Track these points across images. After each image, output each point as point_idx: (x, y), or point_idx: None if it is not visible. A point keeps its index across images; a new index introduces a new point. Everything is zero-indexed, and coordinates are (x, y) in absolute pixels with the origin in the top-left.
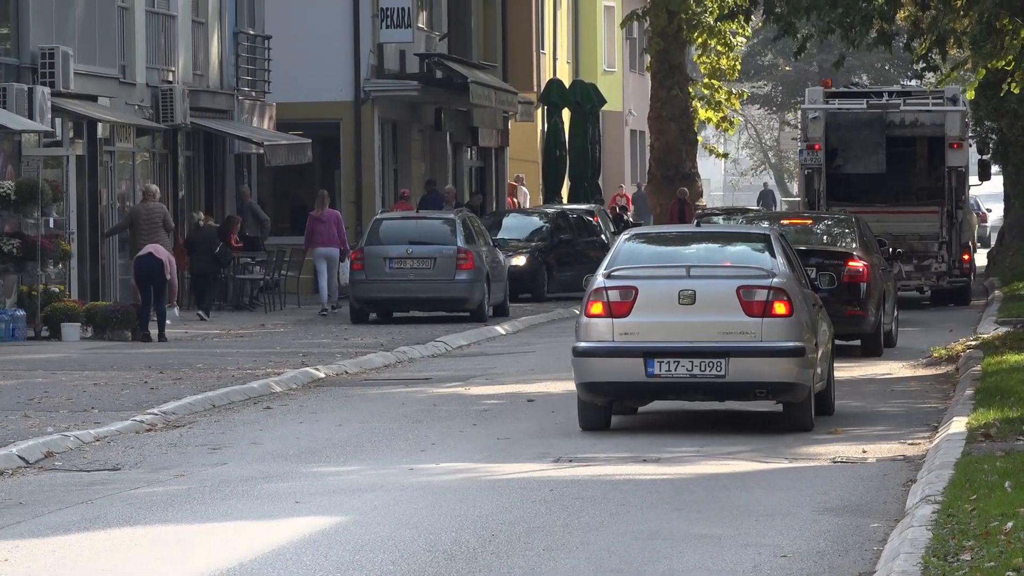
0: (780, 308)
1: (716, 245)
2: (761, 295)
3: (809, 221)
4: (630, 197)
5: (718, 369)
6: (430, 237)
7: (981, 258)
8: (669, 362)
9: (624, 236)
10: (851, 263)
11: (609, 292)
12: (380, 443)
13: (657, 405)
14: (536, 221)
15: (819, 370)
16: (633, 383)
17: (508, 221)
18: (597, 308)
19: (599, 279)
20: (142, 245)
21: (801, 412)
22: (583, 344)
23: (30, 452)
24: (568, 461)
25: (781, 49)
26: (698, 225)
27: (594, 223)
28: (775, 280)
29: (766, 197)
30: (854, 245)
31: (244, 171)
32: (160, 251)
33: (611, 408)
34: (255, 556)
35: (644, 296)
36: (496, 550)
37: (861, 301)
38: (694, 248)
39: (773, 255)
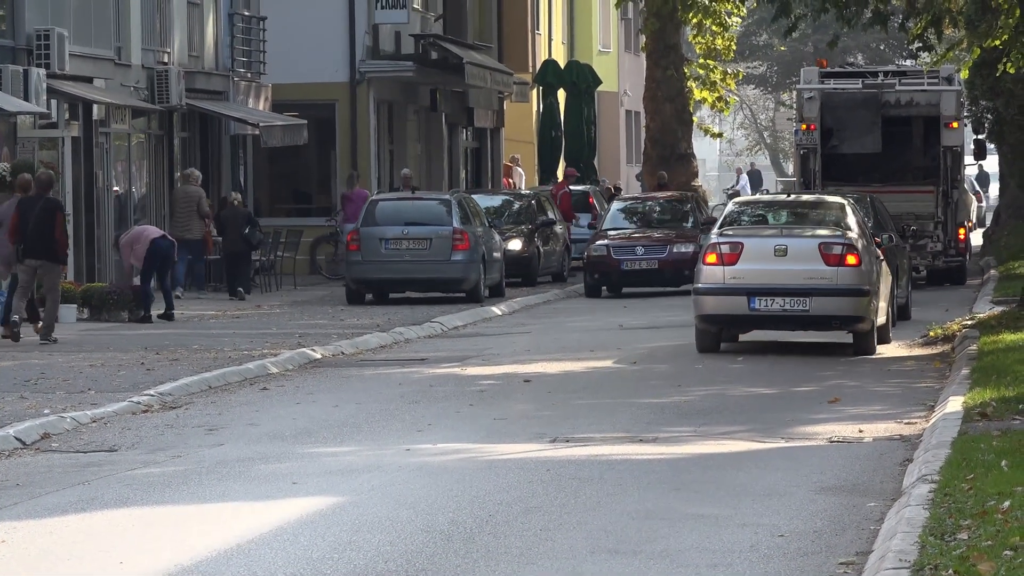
0: (851, 260)
1: (802, 210)
2: (837, 249)
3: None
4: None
5: (803, 305)
6: (426, 218)
7: (977, 238)
8: (767, 299)
9: (731, 204)
10: None
11: (721, 246)
12: (377, 424)
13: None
14: (495, 202)
15: (880, 308)
16: (739, 315)
17: None
18: (712, 258)
19: (714, 236)
20: (177, 227)
21: (866, 340)
22: (702, 285)
23: (27, 433)
24: (564, 441)
25: (776, 29)
26: (789, 195)
27: (544, 206)
28: (848, 238)
29: (753, 177)
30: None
31: (240, 152)
32: (169, 235)
33: (720, 335)
34: (252, 537)
35: (748, 249)
36: (493, 530)
37: None
38: (785, 212)
39: (846, 218)
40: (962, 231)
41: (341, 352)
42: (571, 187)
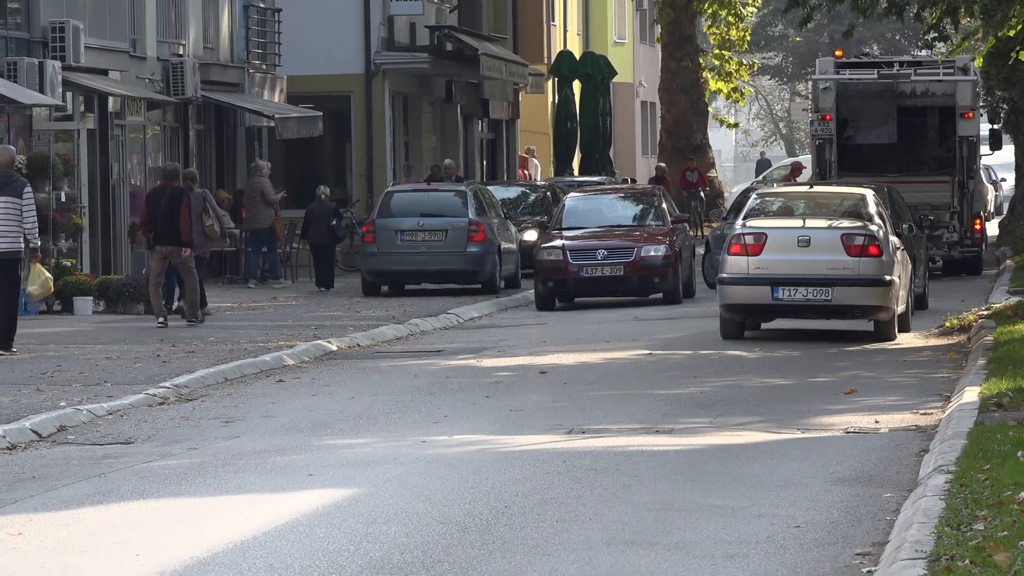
0: (873, 250)
1: (824, 201)
2: (859, 240)
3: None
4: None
5: (826, 295)
6: (442, 209)
7: (993, 227)
8: (790, 289)
9: (754, 195)
10: None
11: (746, 236)
12: (392, 415)
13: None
14: (510, 193)
15: (900, 297)
16: (763, 304)
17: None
18: (736, 248)
19: (738, 227)
20: (251, 219)
21: (887, 328)
22: (726, 275)
23: (43, 426)
24: (581, 433)
25: (791, 19)
26: (811, 187)
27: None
28: (869, 229)
29: (762, 166)
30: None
31: (255, 144)
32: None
33: (744, 324)
34: (268, 529)
35: (772, 240)
36: (509, 522)
37: None
38: (809, 203)
39: (867, 209)
40: (978, 221)
41: (357, 344)
42: (583, 176)
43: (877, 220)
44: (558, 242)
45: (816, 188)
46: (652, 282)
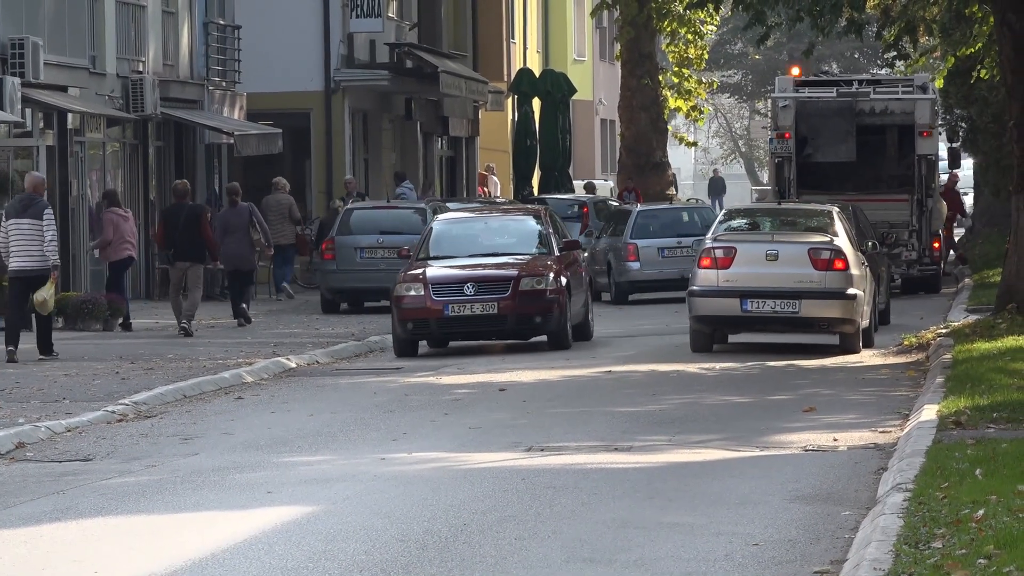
0: (839, 264)
1: (792, 217)
2: (825, 255)
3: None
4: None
5: (793, 307)
6: (401, 226)
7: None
8: (758, 301)
9: (723, 212)
10: None
11: (716, 251)
12: (351, 433)
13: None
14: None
15: (864, 311)
16: (732, 316)
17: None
18: (706, 262)
19: (708, 241)
20: (275, 233)
21: (852, 341)
22: (696, 288)
23: (1, 443)
24: (540, 450)
25: (751, 38)
26: (779, 203)
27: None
28: (835, 244)
29: (716, 185)
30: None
31: (214, 161)
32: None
33: (713, 336)
34: (227, 546)
35: (741, 254)
36: (468, 539)
37: None
38: (777, 219)
39: (833, 225)
40: (936, 240)
41: (316, 361)
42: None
43: (843, 236)
44: (418, 271)
45: (785, 205)
46: (533, 322)
